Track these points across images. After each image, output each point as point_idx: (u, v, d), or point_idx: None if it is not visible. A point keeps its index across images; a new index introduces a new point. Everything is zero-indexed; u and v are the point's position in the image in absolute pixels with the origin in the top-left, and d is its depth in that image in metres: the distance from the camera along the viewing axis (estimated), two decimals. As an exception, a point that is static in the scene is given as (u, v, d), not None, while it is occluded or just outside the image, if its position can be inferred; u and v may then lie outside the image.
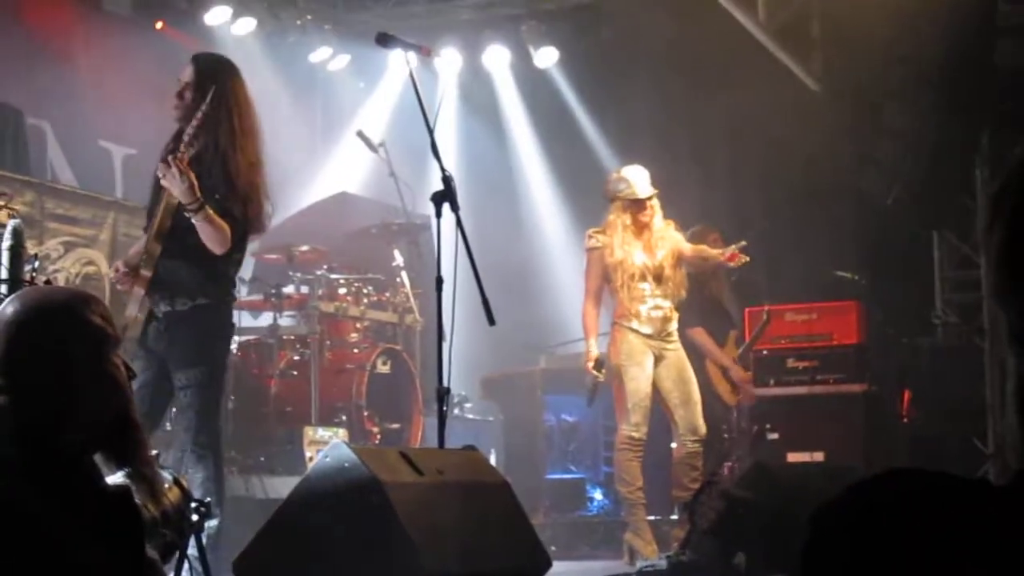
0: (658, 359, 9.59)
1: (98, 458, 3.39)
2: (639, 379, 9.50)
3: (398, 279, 11.00)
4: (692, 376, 9.68)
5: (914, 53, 11.46)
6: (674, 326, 9.70)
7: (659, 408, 9.73)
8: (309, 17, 13.54)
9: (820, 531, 1.46)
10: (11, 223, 5.90)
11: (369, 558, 5.79)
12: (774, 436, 10.92)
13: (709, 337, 10.88)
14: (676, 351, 9.65)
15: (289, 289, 10.49)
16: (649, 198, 9.70)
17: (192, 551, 4.79)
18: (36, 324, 3.24)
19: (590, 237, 9.70)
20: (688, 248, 9.85)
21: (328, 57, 13.68)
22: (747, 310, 11.33)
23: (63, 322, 3.28)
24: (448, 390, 6.75)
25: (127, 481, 3.44)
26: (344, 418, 10.34)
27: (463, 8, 13.76)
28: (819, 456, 10.56)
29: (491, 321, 6.78)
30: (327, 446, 6.26)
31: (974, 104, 11.55)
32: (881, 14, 11.30)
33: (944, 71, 11.34)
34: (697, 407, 9.61)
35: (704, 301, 10.85)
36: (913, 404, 11.26)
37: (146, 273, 6.80)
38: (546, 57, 13.91)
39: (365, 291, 10.83)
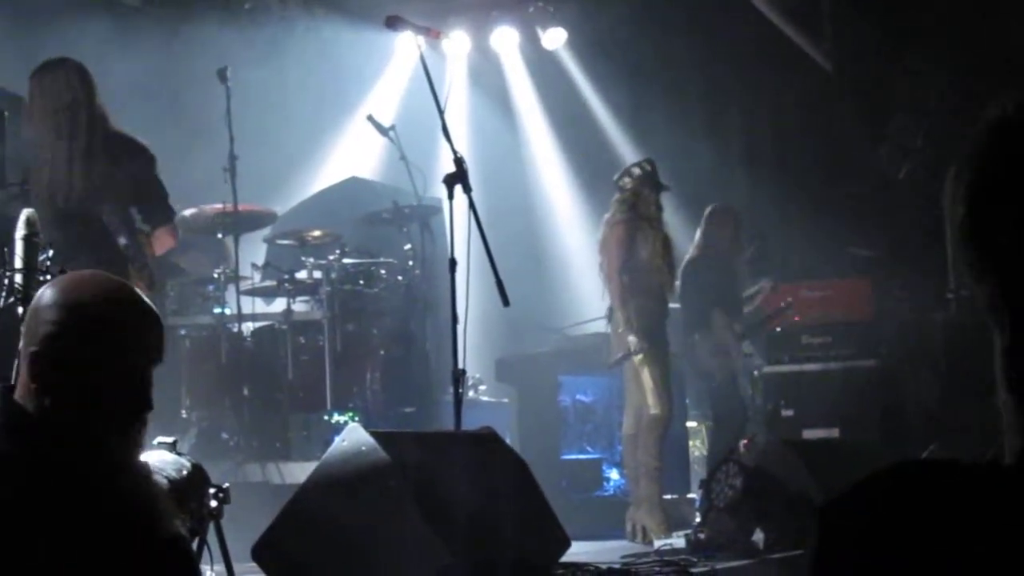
0: None
1: None
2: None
3: (410, 262, 10.99)
4: None
5: (925, 29, 11.44)
6: None
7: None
8: (316, 1, 13.52)
9: (830, 529, 1.45)
10: (25, 212, 5.90)
11: (387, 541, 5.80)
12: (789, 413, 10.93)
13: (723, 318, 10.89)
14: None
15: (302, 274, 10.46)
16: None
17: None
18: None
19: None
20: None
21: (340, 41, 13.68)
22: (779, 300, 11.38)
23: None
24: (464, 372, 6.75)
25: None
26: (359, 402, 10.33)
27: (471, -10, 13.76)
28: (834, 432, 10.58)
29: (505, 302, 6.77)
30: (344, 430, 6.25)
31: (985, 78, 11.52)
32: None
33: (954, 46, 11.33)
34: None
35: (721, 282, 10.90)
36: (927, 378, 11.25)
37: None
38: (554, 38, 13.89)
39: (378, 275, 10.82)
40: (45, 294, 3.08)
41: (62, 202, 7.15)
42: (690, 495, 11.12)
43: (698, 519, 8.97)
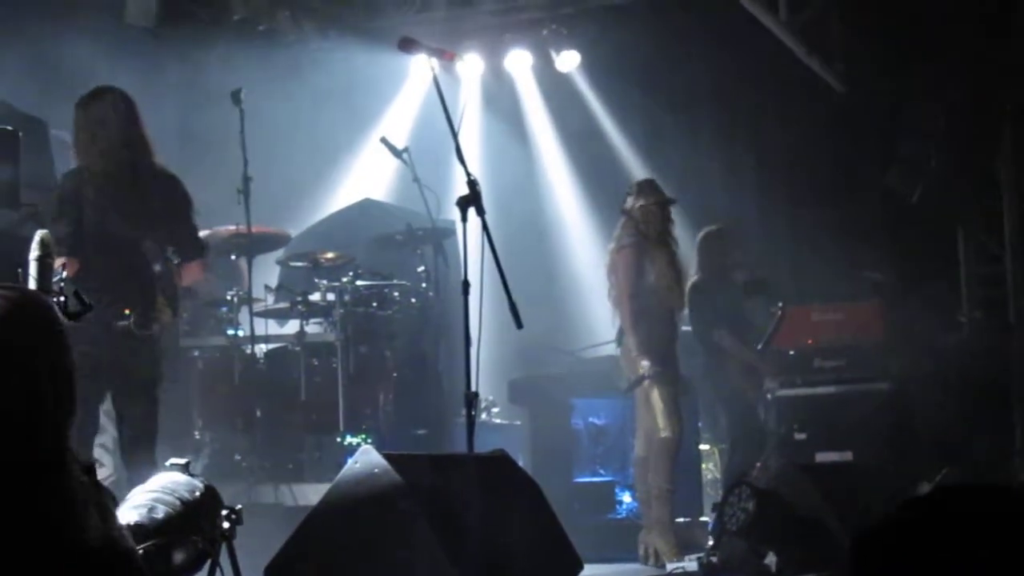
0: None
1: None
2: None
3: (424, 285, 11.00)
4: None
5: (935, 50, 11.44)
6: None
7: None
8: (330, 24, 13.54)
9: (865, 557, 1.44)
10: (39, 234, 5.91)
11: (399, 563, 5.80)
12: (802, 436, 10.90)
13: (733, 337, 10.89)
14: None
15: (315, 296, 10.47)
16: None
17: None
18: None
19: None
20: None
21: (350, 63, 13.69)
22: (773, 311, 11.34)
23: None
24: (476, 394, 6.74)
25: None
26: (372, 424, 10.33)
27: (484, 13, 13.74)
28: (847, 455, 10.54)
29: (519, 324, 6.75)
30: (356, 452, 6.26)
31: (996, 100, 11.52)
32: (902, 11, 11.30)
33: (965, 67, 11.33)
34: None
35: (725, 303, 10.92)
36: (940, 401, 11.21)
37: None
38: (568, 60, 13.90)
39: (391, 297, 10.82)
40: None
41: (112, 229, 7.25)
42: (703, 518, 11.10)
43: (711, 542, 8.96)
